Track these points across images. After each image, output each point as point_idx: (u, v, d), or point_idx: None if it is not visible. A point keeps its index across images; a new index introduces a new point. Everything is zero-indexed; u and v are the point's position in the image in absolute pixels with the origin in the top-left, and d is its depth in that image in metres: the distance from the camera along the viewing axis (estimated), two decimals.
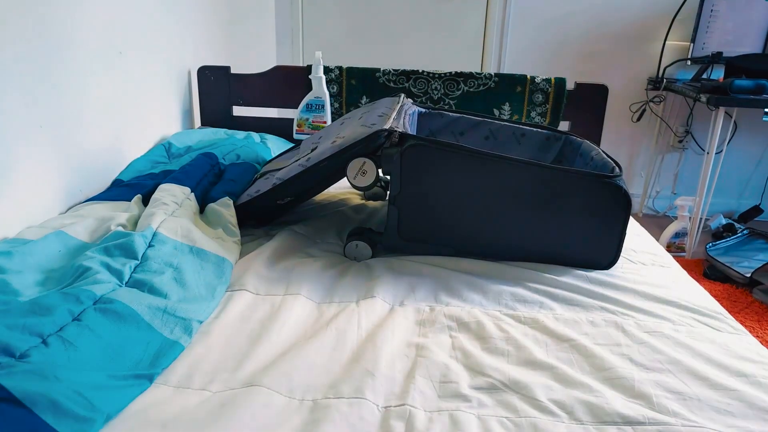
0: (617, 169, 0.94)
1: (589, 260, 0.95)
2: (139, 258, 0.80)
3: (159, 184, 1.06)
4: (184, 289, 0.78)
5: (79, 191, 1.07)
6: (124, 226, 0.90)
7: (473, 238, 0.95)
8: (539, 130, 1.21)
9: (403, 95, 1.22)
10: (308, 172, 0.98)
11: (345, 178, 0.97)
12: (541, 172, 0.90)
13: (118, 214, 0.94)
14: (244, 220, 1.05)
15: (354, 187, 0.95)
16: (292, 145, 1.51)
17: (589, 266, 0.95)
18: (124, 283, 0.75)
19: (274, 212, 1.10)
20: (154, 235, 0.86)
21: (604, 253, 0.94)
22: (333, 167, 0.97)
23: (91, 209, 0.96)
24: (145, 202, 1.02)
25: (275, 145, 1.50)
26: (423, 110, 1.26)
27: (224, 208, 1.01)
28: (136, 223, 0.93)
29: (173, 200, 0.98)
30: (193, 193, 1.05)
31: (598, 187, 0.90)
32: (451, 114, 1.25)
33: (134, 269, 0.78)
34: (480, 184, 0.91)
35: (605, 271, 0.94)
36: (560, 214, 0.92)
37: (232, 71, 1.64)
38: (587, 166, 1.07)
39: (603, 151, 1.05)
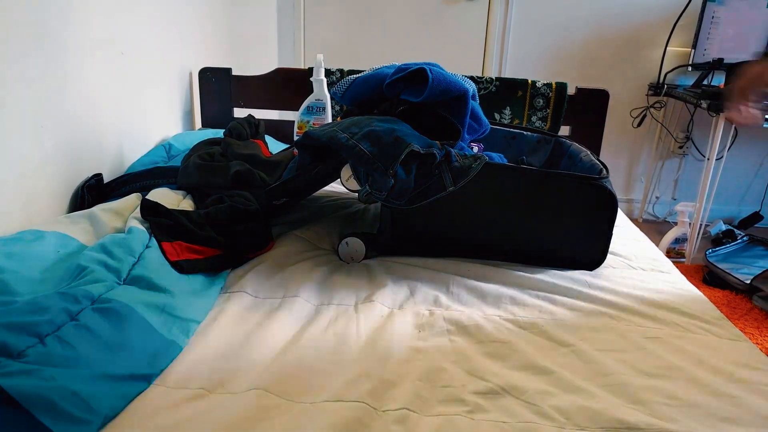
0: (604, 171, 0.96)
1: (577, 260, 0.96)
2: (137, 256, 0.80)
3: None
4: (180, 285, 0.78)
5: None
6: (121, 228, 0.90)
7: (463, 239, 0.96)
8: (530, 133, 1.24)
9: None
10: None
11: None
12: (529, 175, 0.92)
13: (116, 215, 0.94)
14: None
15: (347, 189, 0.96)
16: (287, 146, 1.50)
17: (576, 266, 0.96)
18: (122, 280, 0.75)
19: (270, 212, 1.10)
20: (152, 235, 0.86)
21: (591, 253, 0.96)
22: (325, 170, 0.98)
23: (89, 211, 0.95)
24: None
25: (273, 146, 1.50)
26: None
27: None
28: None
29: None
30: (189, 195, 1.05)
31: (585, 189, 0.91)
32: None
33: (132, 267, 0.78)
34: (470, 188, 0.91)
35: (606, 276, 0.94)
36: (548, 215, 0.93)
37: (234, 73, 1.64)
38: (575, 168, 1.09)
39: (591, 153, 1.07)
